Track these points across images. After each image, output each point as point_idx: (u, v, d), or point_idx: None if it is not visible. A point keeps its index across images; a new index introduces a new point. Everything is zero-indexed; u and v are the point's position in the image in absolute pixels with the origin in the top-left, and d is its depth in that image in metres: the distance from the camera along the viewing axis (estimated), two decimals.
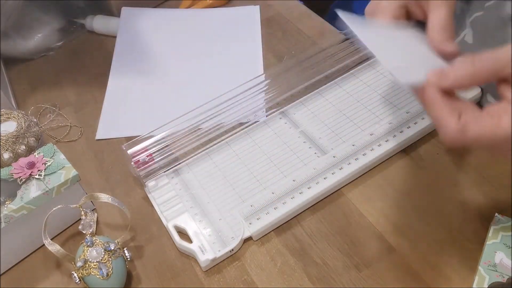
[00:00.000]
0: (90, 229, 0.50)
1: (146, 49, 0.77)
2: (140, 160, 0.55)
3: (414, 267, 0.46)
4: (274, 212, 0.51)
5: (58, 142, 0.65)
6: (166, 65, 0.74)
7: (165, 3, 0.85)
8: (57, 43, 0.81)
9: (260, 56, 0.72)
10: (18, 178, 0.50)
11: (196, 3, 0.83)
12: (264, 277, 0.48)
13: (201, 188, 0.55)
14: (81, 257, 0.47)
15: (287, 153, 0.57)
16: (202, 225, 0.51)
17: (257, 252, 0.50)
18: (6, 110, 0.59)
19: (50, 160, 0.52)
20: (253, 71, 0.70)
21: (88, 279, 0.46)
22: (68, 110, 0.69)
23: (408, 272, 0.46)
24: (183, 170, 0.57)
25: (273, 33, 0.76)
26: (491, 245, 0.42)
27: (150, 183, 0.56)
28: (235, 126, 0.60)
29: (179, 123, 0.58)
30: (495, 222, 0.45)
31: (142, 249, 0.52)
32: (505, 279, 0.40)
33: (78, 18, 0.82)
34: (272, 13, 0.79)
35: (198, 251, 0.49)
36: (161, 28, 0.80)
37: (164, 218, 0.53)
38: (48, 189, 0.50)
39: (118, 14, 0.82)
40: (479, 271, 0.41)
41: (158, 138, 0.57)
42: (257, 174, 0.55)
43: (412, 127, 0.56)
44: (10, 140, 0.55)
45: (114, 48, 0.77)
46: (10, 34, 0.76)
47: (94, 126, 0.66)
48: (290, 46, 0.73)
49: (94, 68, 0.76)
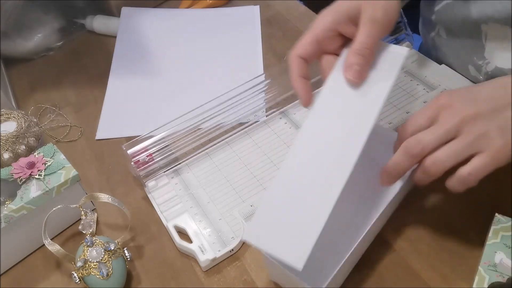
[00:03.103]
0: (90, 229, 0.50)
1: (146, 49, 0.77)
2: (140, 160, 0.55)
3: (414, 267, 0.46)
4: None
5: (58, 142, 0.65)
6: (166, 65, 0.74)
7: (165, 3, 0.85)
8: (57, 43, 0.81)
9: (260, 56, 0.72)
10: (18, 178, 0.50)
11: (196, 3, 0.83)
12: (264, 277, 0.48)
13: (201, 188, 0.55)
14: (81, 257, 0.47)
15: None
16: (202, 225, 0.51)
17: (257, 252, 0.50)
18: (6, 110, 0.59)
19: (50, 160, 0.52)
20: (253, 71, 0.70)
21: (88, 279, 0.46)
22: (68, 110, 0.69)
23: (408, 272, 0.46)
24: (183, 170, 0.57)
25: (273, 33, 0.76)
26: (491, 245, 0.42)
27: (150, 183, 0.56)
28: (235, 126, 0.60)
29: (179, 123, 0.58)
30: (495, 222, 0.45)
31: (142, 249, 0.52)
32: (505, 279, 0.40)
33: (78, 18, 0.82)
34: (272, 13, 0.79)
35: (198, 251, 0.49)
36: (161, 28, 0.80)
37: (164, 218, 0.53)
38: (48, 189, 0.50)
39: (118, 14, 0.82)
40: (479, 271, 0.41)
41: (158, 138, 0.57)
42: (257, 174, 0.55)
43: None
44: (10, 140, 0.55)
45: (114, 48, 0.77)
46: (10, 34, 0.76)
47: (94, 126, 0.66)
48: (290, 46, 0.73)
49: (94, 68, 0.76)
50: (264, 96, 0.61)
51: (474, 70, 0.57)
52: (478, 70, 0.56)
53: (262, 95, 0.61)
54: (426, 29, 0.65)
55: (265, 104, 0.61)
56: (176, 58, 0.75)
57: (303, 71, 0.46)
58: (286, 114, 0.61)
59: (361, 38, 0.44)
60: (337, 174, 0.40)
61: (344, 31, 0.46)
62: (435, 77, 0.61)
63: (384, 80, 0.44)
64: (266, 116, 0.61)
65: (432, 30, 0.62)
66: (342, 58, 0.45)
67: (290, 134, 0.59)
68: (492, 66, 0.55)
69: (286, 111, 0.61)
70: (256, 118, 0.61)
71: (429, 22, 0.63)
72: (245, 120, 0.61)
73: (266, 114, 0.61)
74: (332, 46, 0.47)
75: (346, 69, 0.44)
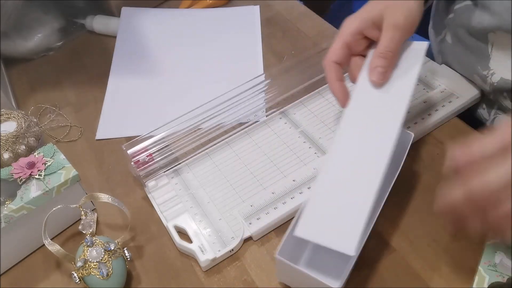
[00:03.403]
0: (90, 229, 0.50)
1: (146, 49, 0.77)
2: (140, 160, 0.55)
3: (414, 267, 0.46)
4: (274, 212, 0.51)
5: (58, 142, 0.65)
6: (166, 65, 0.74)
7: (165, 3, 0.85)
8: (57, 43, 0.81)
9: (260, 56, 0.72)
10: (18, 178, 0.50)
11: (196, 3, 0.83)
12: (264, 277, 0.48)
13: (201, 188, 0.55)
14: (81, 257, 0.47)
15: (287, 153, 0.57)
16: (202, 225, 0.51)
17: (257, 252, 0.50)
18: (6, 110, 0.59)
19: (50, 160, 0.52)
20: (253, 71, 0.70)
21: (88, 279, 0.46)
22: (68, 110, 0.69)
23: (408, 272, 0.46)
24: (183, 170, 0.57)
25: (273, 33, 0.76)
26: (491, 245, 0.42)
27: (150, 183, 0.56)
28: (235, 126, 0.60)
29: (179, 123, 0.58)
30: None
31: (142, 249, 0.52)
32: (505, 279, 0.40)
33: (78, 18, 0.82)
34: (272, 13, 0.79)
35: (198, 251, 0.49)
36: (161, 28, 0.80)
37: (164, 218, 0.53)
38: (48, 189, 0.50)
39: (118, 14, 0.82)
40: (479, 271, 0.41)
41: (158, 138, 0.57)
42: (257, 174, 0.55)
43: (412, 127, 0.56)
44: (10, 140, 0.55)
45: (114, 48, 0.77)
46: (10, 34, 0.76)
47: (94, 126, 0.66)
48: (290, 46, 0.73)
49: (94, 68, 0.76)
50: (264, 96, 0.61)
51: (479, 80, 0.56)
52: (483, 80, 0.55)
53: (262, 95, 0.61)
54: (434, 33, 0.65)
55: (265, 104, 0.61)
56: (176, 58, 0.75)
57: (338, 75, 0.50)
58: (286, 114, 0.61)
59: (384, 42, 0.47)
60: (374, 168, 0.43)
61: (369, 34, 0.49)
62: (435, 77, 0.61)
63: (408, 75, 0.48)
64: (266, 116, 0.61)
65: (439, 34, 0.62)
66: (369, 59, 0.49)
67: (290, 134, 0.59)
68: (497, 77, 0.53)
69: (286, 111, 0.61)
70: (256, 118, 0.61)
71: (438, 25, 0.62)
72: (245, 120, 0.61)
73: (266, 114, 0.61)
74: (359, 48, 0.51)
75: (370, 71, 0.48)
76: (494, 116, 0.59)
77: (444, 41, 0.61)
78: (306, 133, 0.58)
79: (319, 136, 0.58)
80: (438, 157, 0.54)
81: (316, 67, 0.63)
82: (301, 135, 0.58)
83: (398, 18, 0.47)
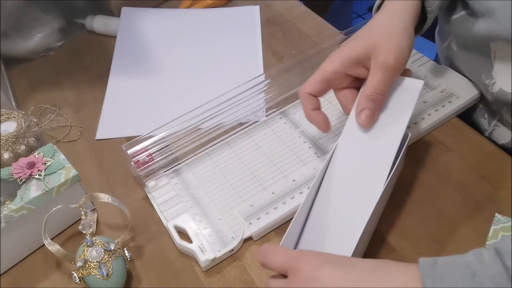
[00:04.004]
0: (90, 229, 0.50)
1: (146, 49, 0.77)
2: (140, 160, 0.55)
3: None
4: (274, 212, 0.51)
5: (58, 142, 0.65)
6: (166, 65, 0.74)
7: (165, 3, 0.85)
8: (57, 43, 0.81)
9: (260, 56, 0.72)
10: (18, 178, 0.50)
11: (196, 3, 0.83)
12: (264, 277, 0.48)
13: (201, 188, 0.55)
14: (81, 257, 0.47)
15: (287, 153, 0.57)
16: (202, 225, 0.51)
17: (257, 252, 0.50)
18: (6, 110, 0.59)
19: (50, 160, 0.52)
20: (253, 71, 0.70)
21: (88, 279, 0.46)
22: (68, 110, 0.69)
23: None
24: (183, 170, 0.57)
25: (273, 33, 0.76)
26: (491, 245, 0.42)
27: (150, 183, 0.56)
28: (235, 126, 0.60)
29: (179, 123, 0.58)
30: (495, 222, 0.45)
31: (142, 249, 0.52)
32: None
33: (78, 18, 0.82)
34: (272, 13, 0.80)
35: (198, 251, 0.49)
36: (161, 28, 0.80)
37: (164, 218, 0.53)
38: (48, 189, 0.50)
39: (118, 14, 0.82)
40: None
41: (158, 138, 0.57)
42: (257, 174, 0.55)
43: (412, 127, 0.56)
44: (10, 140, 0.55)
45: (114, 48, 0.77)
46: (10, 34, 0.76)
47: (94, 126, 0.66)
48: (290, 46, 0.73)
49: (94, 68, 0.76)
50: (264, 96, 0.61)
51: (483, 88, 0.56)
52: (486, 89, 0.55)
53: (262, 95, 0.61)
54: (440, 39, 0.64)
55: (265, 104, 0.61)
56: (176, 58, 0.75)
57: (314, 105, 0.49)
58: (286, 114, 0.61)
59: (373, 84, 0.45)
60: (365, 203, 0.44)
61: (352, 73, 0.48)
62: (435, 77, 0.61)
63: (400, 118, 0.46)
64: (266, 116, 0.61)
65: (445, 40, 0.61)
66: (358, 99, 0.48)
67: (290, 134, 0.59)
68: (497, 87, 0.53)
69: (286, 111, 0.61)
70: (256, 118, 0.61)
71: (443, 32, 0.62)
72: (245, 120, 0.61)
73: (266, 114, 0.61)
74: (342, 84, 0.49)
75: (357, 114, 0.46)
76: (493, 128, 0.58)
77: (450, 48, 0.60)
78: (306, 133, 0.58)
79: (319, 136, 0.58)
80: (438, 157, 0.54)
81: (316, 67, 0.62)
82: (301, 135, 0.58)
83: (388, 59, 0.45)
